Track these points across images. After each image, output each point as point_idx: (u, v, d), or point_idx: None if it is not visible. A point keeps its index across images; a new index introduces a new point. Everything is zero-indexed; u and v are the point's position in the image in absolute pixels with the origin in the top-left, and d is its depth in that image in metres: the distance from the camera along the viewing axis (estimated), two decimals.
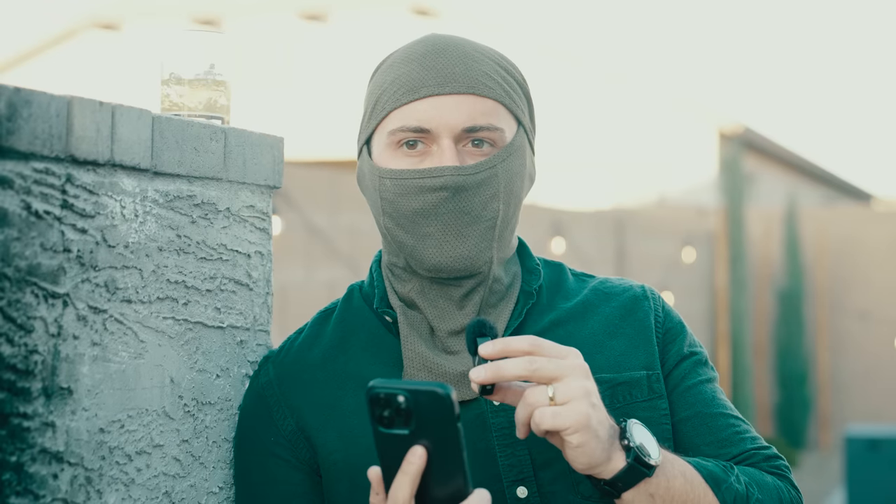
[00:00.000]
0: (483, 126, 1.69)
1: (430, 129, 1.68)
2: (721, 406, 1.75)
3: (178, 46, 1.78)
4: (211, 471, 1.73)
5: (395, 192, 1.69)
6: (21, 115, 1.39)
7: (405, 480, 1.38)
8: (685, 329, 1.81)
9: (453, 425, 1.38)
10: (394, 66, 1.74)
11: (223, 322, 1.75)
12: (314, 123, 15.48)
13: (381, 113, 1.72)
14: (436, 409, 1.38)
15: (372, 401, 1.39)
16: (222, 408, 1.75)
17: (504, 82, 1.73)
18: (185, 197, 1.68)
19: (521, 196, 1.75)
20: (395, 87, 1.71)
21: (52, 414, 1.45)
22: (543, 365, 1.46)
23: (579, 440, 1.45)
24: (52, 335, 1.46)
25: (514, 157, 1.72)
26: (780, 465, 1.73)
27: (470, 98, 1.69)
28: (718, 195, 14.05)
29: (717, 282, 13.72)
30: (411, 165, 1.69)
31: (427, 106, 1.68)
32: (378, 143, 1.73)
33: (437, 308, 1.71)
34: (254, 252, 1.81)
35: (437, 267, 1.68)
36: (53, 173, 1.46)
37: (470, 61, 1.71)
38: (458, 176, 1.67)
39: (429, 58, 1.71)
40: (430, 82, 1.69)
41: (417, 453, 1.38)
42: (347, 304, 1.81)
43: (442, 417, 1.38)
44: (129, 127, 1.56)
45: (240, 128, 1.78)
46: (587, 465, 1.48)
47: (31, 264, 1.43)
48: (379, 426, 1.39)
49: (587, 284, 1.83)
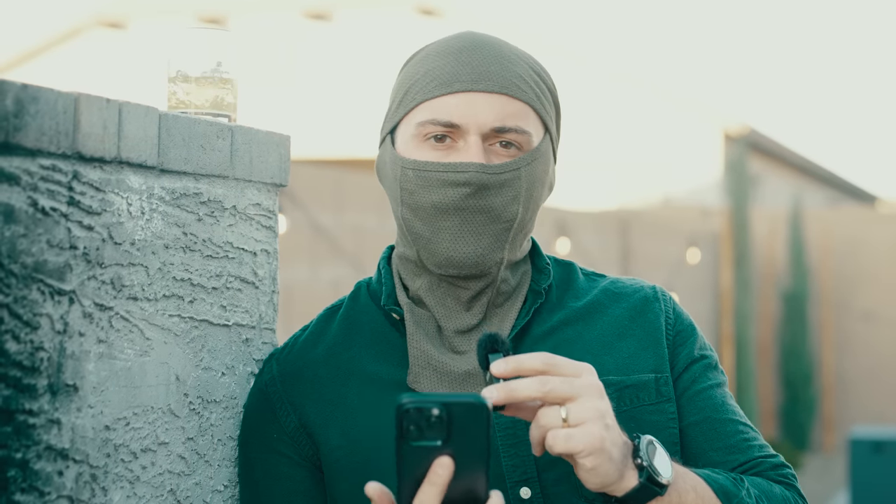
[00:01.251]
0: (512, 128, 1.68)
1: (459, 125, 1.68)
2: (730, 412, 1.74)
3: (184, 44, 1.77)
4: (216, 469, 1.73)
5: (416, 184, 1.69)
6: (28, 112, 1.39)
7: (433, 491, 1.35)
8: (696, 332, 1.79)
9: (485, 435, 1.36)
10: (427, 58, 1.73)
11: (229, 320, 1.75)
12: (319, 122, 15.48)
13: (411, 103, 1.71)
14: (471, 420, 1.35)
15: (402, 416, 1.36)
16: (228, 406, 1.75)
17: (536, 87, 1.73)
18: (192, 194, 1.68)
19: (539, 202, 1.75)
20: (428, 79, 1.70)
21: (57, 411, 1.45)
22: (556, 386, 1.42)
23: (592, 463, 1.43)
24: (58, 332, 1.46)
25: (539, 163, 1.71)
26: (788, 475, 1.72)
27: (502, 98, 1.69)
28: (723, 196, 14.04)
29: (722, 282, 13.70)
30: (437, 159, 1.68)
31: (459, 101, 1.68)
32: (403, 134, 1.72)
33: (445, 307, 1.71)
34: (260, 250, 1.81)
35: (449, 261, 1.68)
36: (60, 170, 1.46)
37: (505, 61, 1.71)
38: (483, 174, 1.66)
39: (465, 53, 1.71)
40: (464, 77, 1.69)
41: (445, 464, 1.34)
42: (354, 301, 1.81)
43: (476, 428, 1.36)
44: (135, 124, 1.56)
45: (246, 126, 1.78)
46: (599, 485, 1.45)
47: (38, 261, 1.43)
48: (407, 439, 1.36)
49: (598, 284, 1.81)
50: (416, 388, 1.67)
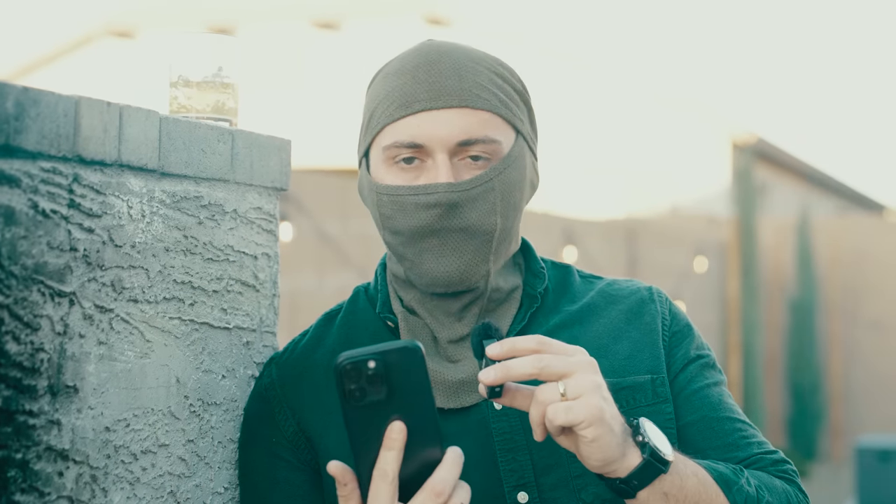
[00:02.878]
0: (478, 139, 1.67)
1: (423, 145, 1.67)
2: (728, 410, 1.74)
3: (186, 49, 1.79)
4: (216, 471, 1.73)
5: (392, 209, 1.69)
6: (29, 115, 1.40)
7: (391, 456, 1.37)
8: (692, 332, 1.79)
9: (425, 380, 1.37)
10: (387, 78, 1.72)
11: (229, 323, 1.76)
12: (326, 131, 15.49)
13: (376, 128, 1.71)
14: (407, 365, 1.37)
15: (341, 375, 1.37)
16: (228, 408, 1.76)
17: (500, 91, 1.71)
18: (193, 198, 1.69)
19: (520, 206, 1.74)
20: (388, 101, 1.70)
21: (57, 412, 1.46)
22: (552, 362, 1.44)
23: (594, 433, 1.43)
24: (59, 333, 1.47)
25: (512, 169, 1.70)
26: (788, 470, 1.72)
27: (464, 111, 1.67)
28: (731, 205, 14.03)
29: (729, 292, 13.69)
30: (407, 181, 1.68)
31: (420, 121, 1.67)
32: (374, 158, 1.73)
33: (437, 319, 1.72)
34: (260, 254, 1.82)
35: (435, 281, 1.68)
36: (61, 173, 1.47)
37: (463, 72, 1.69)
38: (452, 192, 1.66)
39: (421, 70, 1.69)
40: (422, 97, 1.67)
41: (397, 428, 1.36)
42: (353, 305, 1.81)
43: (414, 374, 1.37)
44: (136, 127, 1.57)
45: (247, 130, 1.78)
46: (602, 460, 1.46)
47: (38, 263, 1.44)
48: (351, 402, 1.38)
49: (594, 286, 1.82)
50: None
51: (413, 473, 1.40)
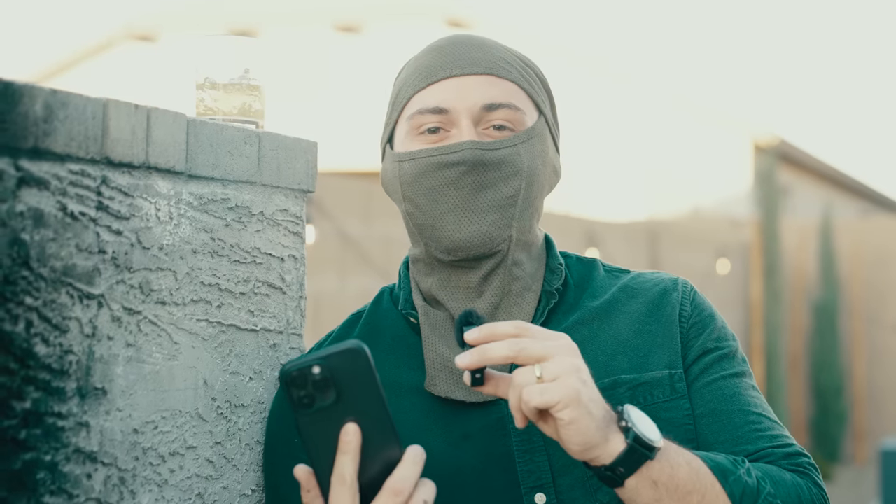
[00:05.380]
0: (503, 103, 1.69)
1: (448, 109, 1.69)
2: (742, 402, 1.68)
3: (212, 51, 1.79)
4: (244, 473, 1.73)
5: (413, 174, 1.69)
6: (57, 117, 1.41)
7: (346, 459, 1.37)
8: (713, 322, 1.74)
9: (373, 380, 1.37)
10: (414, 60, 1.77)
11: (256, 325, 1.76)
12: (348, 134, 15.51)
13: (402, 101, 1.74)
14: (352, 367, 1.37)
15: (287, 384, 1.37)
16: (255, 410, 1.76)
17: (523, 70, 1.74)
18: (220, 200, 1.69)
19: (543, 182, 1.74)
20: (415, 75, 1.73)
21: (86, 414, 1.46)
22: (528, 345, 1.42)
23: (570, 415, 1.40)
24: (87, 336, 1.47)
25: (537, 141, 1.71)
26: (803, 463, 1.65)
27: (489, 78, 1.70)
28: (753, 207, 13.99)
29: (752, 294, 13.65)
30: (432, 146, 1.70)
31: (445, 87, 1.70)
32: (400, 133, 1.74)
33: (457, 300, 1.70)
34: (287, 256, 1.82)
35: (456, 245, 1.67)
36: (89, 175, 1.47)
37: (488, 48, 1.74)
38: (477, 150, 1.66)
39: (448, 46, 1.74)
40: (448, 65, 1.71)
41: (350, 430, 1.36)
42: (377, 306, 1.81)
43: (360, 375, 1.37)
44: (164, 130, 1.58)
45: (274, 132, 1.78)
46: (581, 444, 1.42)
47: (67, 265, 1.44)
48: (300, 410, 1.37)
49: (619, 281, 1.79)
50: (434, 392, 1.67)
51: (375, 475, 1.40)
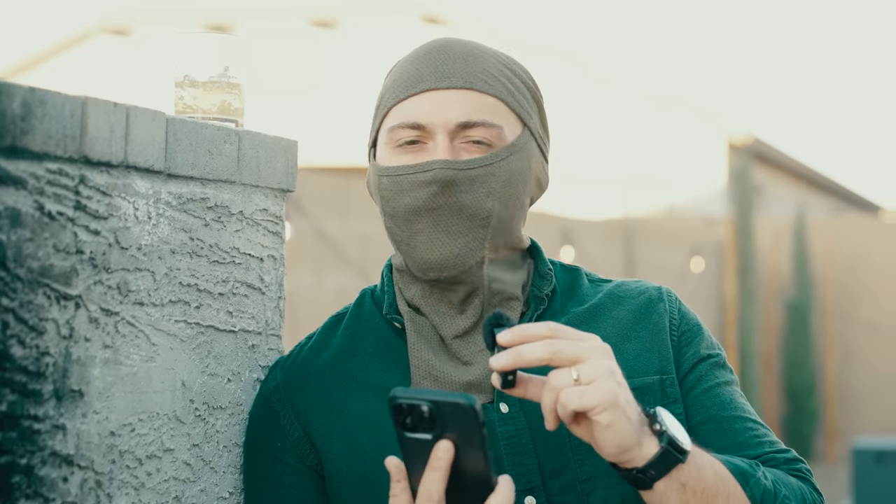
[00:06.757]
0: (478, 122, 1.66)
1: (424, 125, 1.66)
2: (739, 409, 1.71)
3: (192, 49, 1.77)
4: (221, 475, 1.72)
5: (391, 190, 1.67)
6: (35, 115, 1.39)
7: (436, 476, 1.37)
8: (702, 331, 1.77)
9: (479, 433, 1.37)
10: (397, 66, 1.74)
11: (235, 326, 1.74)
12: (324, 130, 15.48)
13: (383, 111, 1.71)
14: (460, 419, 1.37)
15: (394, 409, 1.38)
16: (233, 412, 1.74)
17: (507, 81, 1.70)
18: (199, 199, 1.67)
19: (522, 199, 1.72)
20: (396, 84, 1.70)
21: (62, 416, 1.44)
22: (564, 347, 1.42)
23: (609, 419, 1.40)
24: (64, 337, 1.45)
25: (515, 158, 1.68)
26: (802, 469, 1.69)
27: (468, 93, 1.66)
28: (727, 205, 14.04)
29: (726, 292, 13.69)
30: (408, 163, 1.67)
31: (424, 101, 1.67)
32: (381, 144, 1.72)
33: (439, 313, 1.69)
34: (266, 256, 1.80)
35: (427, 265, 1.66)
36: (67, 174, 1.45)
37: (471, 58, 1.69)
38: (448, 169, 1.64)
39: (430, 55, 1.70)
40: (427, 77, 1.67)
41: (445, 447, 1.37)
42: (359, 308, 1.79)
43: (466, 426, 1.37)
44: (143, 128, 1.56)
45: (254, 131, 1.77)
46: (618, 447, 1.42)
47: (44, 265, 1.42)
48: (403, 430, 1.39)
49: (602, 289, 1.79)
50: None
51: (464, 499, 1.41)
